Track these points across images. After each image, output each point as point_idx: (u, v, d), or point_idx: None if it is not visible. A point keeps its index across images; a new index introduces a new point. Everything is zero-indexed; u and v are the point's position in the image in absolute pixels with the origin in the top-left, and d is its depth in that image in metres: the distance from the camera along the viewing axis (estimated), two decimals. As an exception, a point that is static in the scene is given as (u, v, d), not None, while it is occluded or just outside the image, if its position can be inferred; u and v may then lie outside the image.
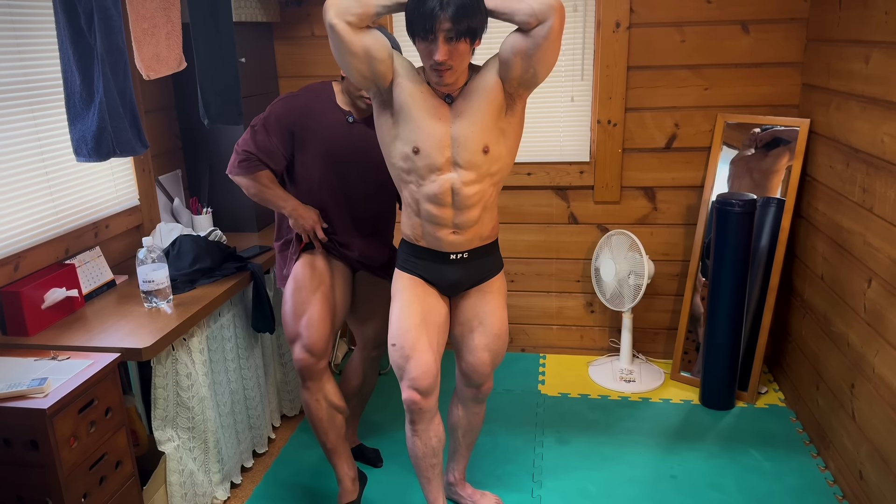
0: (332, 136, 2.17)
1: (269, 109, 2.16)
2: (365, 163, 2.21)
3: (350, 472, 2.32)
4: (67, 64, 1.98)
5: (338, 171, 2.20)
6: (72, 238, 2.29)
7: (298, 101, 2.16)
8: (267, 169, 2.16)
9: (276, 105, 2.16)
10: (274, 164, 2.17)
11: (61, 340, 1.97)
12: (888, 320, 2.08)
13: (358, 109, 2.19)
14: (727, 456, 2.60)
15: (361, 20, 1.79)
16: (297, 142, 2.17)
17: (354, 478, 2.33)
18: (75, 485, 1.70)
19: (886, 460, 2.08)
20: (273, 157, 2.16)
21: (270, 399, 2.79)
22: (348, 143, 2.18)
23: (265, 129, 2.14)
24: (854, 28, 2.38)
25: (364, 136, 2.20)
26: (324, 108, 2.16)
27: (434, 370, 1.97)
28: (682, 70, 2.97)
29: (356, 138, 2.19)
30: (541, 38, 1.76)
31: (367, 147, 2.20)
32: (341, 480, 2.31)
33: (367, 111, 2.17)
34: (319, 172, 2.19)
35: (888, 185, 2.10)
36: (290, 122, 2.14)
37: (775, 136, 2.88)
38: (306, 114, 2.15)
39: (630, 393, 3.06)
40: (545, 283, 3.35)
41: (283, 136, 2.15)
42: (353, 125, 2.19)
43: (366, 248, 2.30)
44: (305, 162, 2.19)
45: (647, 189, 3.14)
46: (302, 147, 2.17)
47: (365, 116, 2.19)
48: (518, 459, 2.62)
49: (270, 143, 2.14)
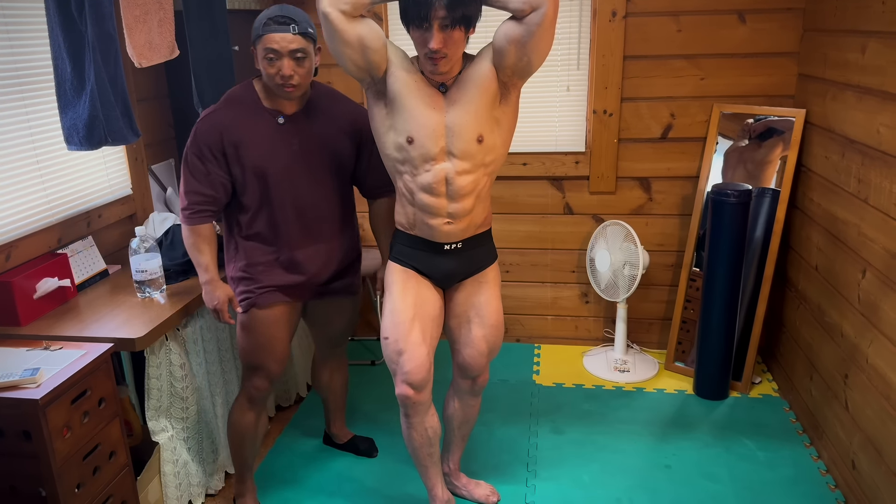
0: (265, 144, 1.98)
1: (193, 133, 1.95)
2: (308, 164, 2.04)
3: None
4: (58, 51, 1.96)
5: (280, 180, 2.00)
6: (64, 227, 2.27)
7: (220, 115, 1.95)
8: (213, 218, 2.00)
9: (199, 126, 1.95)
10: (224, 198, 2.00)
11: (54, 330, 1.96)
12: (882, 311, 2.09)
13: (286, 105, 2.00)
14: (721, 445, 2.61)
15: (356, 9, 1.78)
16: (230, 160, 1.97)
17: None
18: (69, 475, 1.69)
19: (879, 450, 2.09)
20: (218, 189, 1.98)
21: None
22: (285, 146, 2.00)
23: (198, 159, 1.94)
24: (851, 18, 2.37)
25: (300, 134, 2.02)
26: (249, 113, 1.97)
27: (427, 364, 1.97)
28: (678, 60, 2.96)
29: (292, 139, 2.01)
30: (534, 25, 1.76)
31: (306, 147, 2.03)
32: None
33: (297, 104, 2.01)
34: (260, 188, 2.00)
35: (883, 176, 2.10)
36: (216, 140, 1.94)
37: (769, 127, 2.88)
38: (232, 126, 1.95)
39: (624, 383, 3.07)
40: (540, 273, 3.35)
41: (217, 160, 1.95)
42: (286, 126, 2.00)
43: (328, 255, 2.14)
44: (243, 180, 1.99)
45: (642, 179, 3.14)
46: (237, 164, 1.97)
47: (295, 111, 2.02)
48: (513, 449, 2.63)
49: (211, 175, 1.95)
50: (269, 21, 1.87)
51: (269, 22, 1.87)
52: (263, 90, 2.00)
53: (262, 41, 1.88)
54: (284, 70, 1.88)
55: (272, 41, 1.86)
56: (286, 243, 2.07)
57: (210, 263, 2.02)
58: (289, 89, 1.91)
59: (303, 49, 1.89)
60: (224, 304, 2.03)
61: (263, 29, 1.87)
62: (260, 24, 1.88)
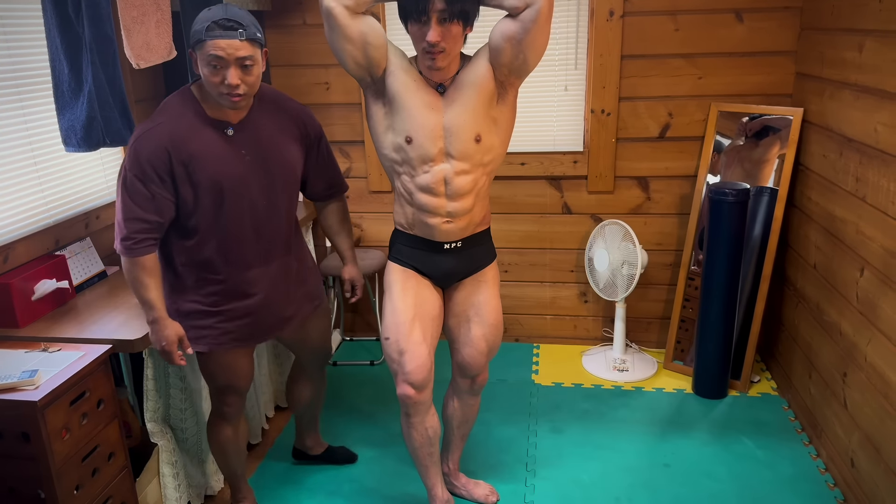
0: (217, 159, 1.79)
1: (132, 153, 1.73)
2: (262, 177, 1.87)
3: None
4: (55, 53, 1.96)
5: (236, 197, 1.83)
6: (62, 229, 2.27)
7: (164, 131, 1.74)
8: (156, 247, 1.80)
9: (139, 144, 1.73)
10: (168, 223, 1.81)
11: (52, 332, 1.95)
12: (881, 309, 2.09)
13: (231, 114, 1.82)
14: (720, 444, 2.61)
15: (359, 5, 1.78)
16: (178, 181, 1.77)
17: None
18: (67, 477, 1.69)
19: (878, 448, 2.09)
20: (164, 214, 1.78)
21: (264, 390, 2.78)
22: (238, 160, 1.82)
23: (141, 182, 1.73)
24: (847, 17, 2.37)
25: (250, 145, 1.85)
26: (195, 126, 1.78)
27: (428, 364, 1.97)
28: (675, 59, 2.96)
29: (243, 151, 1.84)
30: (529, 21, 1.76)
31: (258, 158, 1.86)
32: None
33: (242, 112, 1.83)
34: (214, 208, 1.82)
35: (881, 174, 2.10)
36: (163, 160, 1.74)
37: (765, 125, 2.88)
38: (180, 142, 1.75)
39: (623, 382, 3.07)
40: (539, 272, 3.35)
41: (164, 181, 1.75)
42: (235, 137, 1.83)
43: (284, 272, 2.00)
44: (193, 201, 1.80)
45: (640, 179, 3.14)
46: (187, 184, 1.78)
47: (241, 120, 1.84)
48: (512, 449, 2.63)
49: (156, 198, 1.75)
50: (214, 25, 1.66)
51: (212, 26, 1.66)
52: (204, 98, 1.80)
53: (205, 47, 1.67)
54: (230, 79, 1.69)
55: (217, 48, 1.66)
56: (238, 266, 1.90)
57: (156, 299, 1.80)
58: (235, 99, 1.73)
59: (251, 56, 1.71)
60: (173, 344, 1.84)
61: (207, 34, 1.66)
62: (202, 28, 1.66)
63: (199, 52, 1.70)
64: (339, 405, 2.97)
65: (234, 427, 2.13)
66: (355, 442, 2.70)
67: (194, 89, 1.82)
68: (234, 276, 1.91)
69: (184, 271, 1.90)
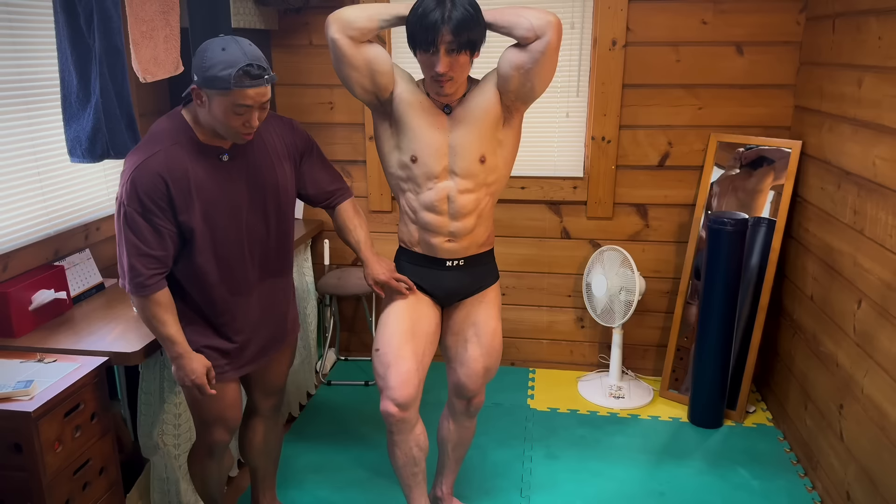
0: (212, 188, 1.74)
1: (129, 187, 1.65)
2: (256, 202, 1.83)
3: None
4: (65, 64, 1.97)
5: (230, 225, 1.79)
6: (62, 239, 2.26)
7: (160, 161, 1.66)
8: (165, 283, 1.74)
9: (136, 177, 1.64)
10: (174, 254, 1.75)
11: (48, 343, 1.94)
12: (878, 342, 2.10)
13: (222, 139, 1.75)
14: (715, 474, 2.60)
15: (363, 34, 1.81)
16: (178, 211, 1.70)
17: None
18: (58, 490, 1.67)
19: (874, 482, 2.08)
20: (169, 247, 1.72)
21: None
22: (232, 186, 1.77)
23: (143, 217, 1.66)
24: (847, 52, 2.41)
25: (244, 170, 1.80)
26: (191, 152, 1.71)
27: (415, 381, 1.93)
28: (676, 89, 2.99)
29: (238, 177, 1.79)
30: (538, 52, 1.79)
31: (252, 183, 1.82)
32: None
33: (235, 137, 1.70)
34: (209, 237, 1.77)
35: (879, 207, 2.12)
36: (162, 191, 1.66)
37: (760, 155, 2.91)
38: (177, 170, 1.68)
39: (619, 409, 3.06)
40: (536, 297, 3.35)
41: (164, 212, 1.68)
42: (229, 163, 1.77)
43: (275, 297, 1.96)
44: (189, 231, 1.73)
45: (639, 206, 3.16)
46: (185, 213, 1.71)
47: (232, 144, 1.77)
48: (506, 474, 2.61)
49: (161, 232, 1.69)
50: (243, 74, 1.58)
51: (241, 74, 1.58)
52: (196, 123, 1.72)
53: (233, 95, 1.60)
54: (253, 122, 1.66)
55: (246, 97, 1.61)
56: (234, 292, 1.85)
57: (177, 333, 1.75)
58: (248, 137, 1.70)
59: (269, 97, 1.68)
60: (203, 377, 1.79)
61: (236, 82, 1.58)
62: (230, 76, 1.57)
63: (220, 97, 1.61)
64: (331, 425, 2.95)
65: (219, 462, 2.05)
66: (346, 463, 2.68)
67: (185, 115, 1.73)
68: (230, 303, 1.85)
69: (179, 296, 1.82)
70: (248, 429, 2.19)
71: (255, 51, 1.63)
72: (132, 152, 1.71)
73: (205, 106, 1.66)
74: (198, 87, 1.64)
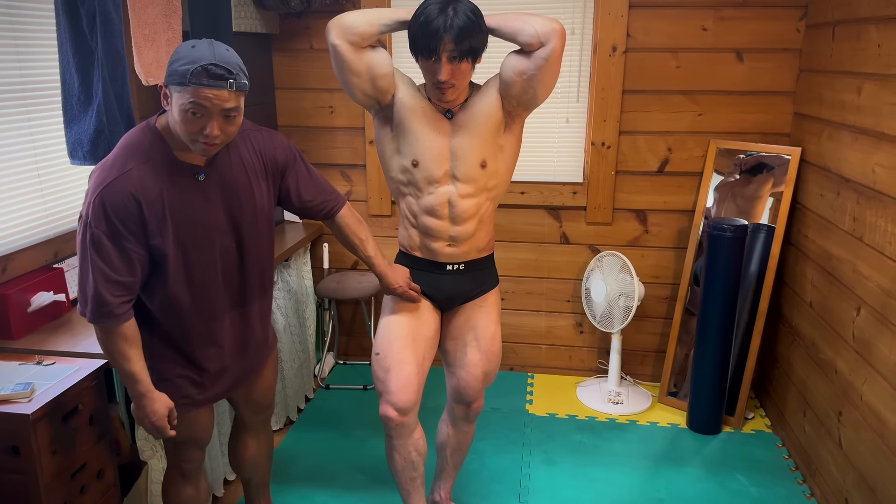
0: (187, 210, 1.61)
1: (96, 207, 1.50)
2: (232, 221, 1.71)
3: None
4: (66, 66, 1.97)
5: (206, 247, 1.67)
6: (61, 242, 2.26)
7: (132, 179, 1.53)
8: (132, 313, 1.59)
9: (105, 196, 1.51)
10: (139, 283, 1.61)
11: (47, 345, 1.94)
12: (877, 349, 2.10)
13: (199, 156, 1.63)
14: (714, 480, 2.59)
15: (364, 39, 1.81)
16: (150, 234, 1.58)
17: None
18: (55, 493, 1.66)
19: (873, 488, 2.08)
20: (137, 272, 1.58)
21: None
22: (209, 207, 1.65)
23: (111, 239, 1.52)
24: (847, 59, 2.42)
25: (219, 189, 1.67)
26: (165, 170, 1.58)
27: (415, 385, 1.93)
28: (676, 95, 3.00)
29: (213, 199, 1.66)
30: (542, 60, 1.79)
31: (229, 204, 1.69)
32: None
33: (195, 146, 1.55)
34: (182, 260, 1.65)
35: (879, 215, 2.13)
36: (134, 212, 1.53)
37: (760, 162, 2.92)
38: (151, 190, 1.55)
39: (617, 415, 3.06)
40: (535, 301, 3.35)
41: (135, 235, 1.56)
42: (205, 182, 1.64)
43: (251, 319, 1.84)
44: (162, 254, 1.61)
45: (638, 212, 3.16)
46: (157, 237, 1.59)
47: (207, 161, 1.64)
48: (505, 479, 2.60)
49: (130, 256, 1.55)
50: (201, 71, 1.46)
51: (199, 71, 1.45)
52: (170, 138, 1.59)
53: (187, 92, 1.47)
54: (211, 130, 1.50)
55: (202, 96, 1.47)
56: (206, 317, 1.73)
57: (141, 371, 1.62)
58: (209, 148, 1.54)
59: (236, 107, 1.53)
60: (164, 418, 1.66)
61: (192, 79, 1.45)
62: (186, 70, 1.45)
63: (176, 94, 1.49)
64: (330, 429, 2.94)
65: (196, 485, 1.95)
66: (344, 468, 2.67)
67: (159, 127, 1.59)
68: (202, 330, 1.73)
69: (148, 325, 1.71)
70: (239, 443, 2.11)
71: (228, 55, 1.51)
72: (99, 168, 1.55)
73: (170, 107, 1.53)
74: (163, 85, 1.53)
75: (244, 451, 2.12)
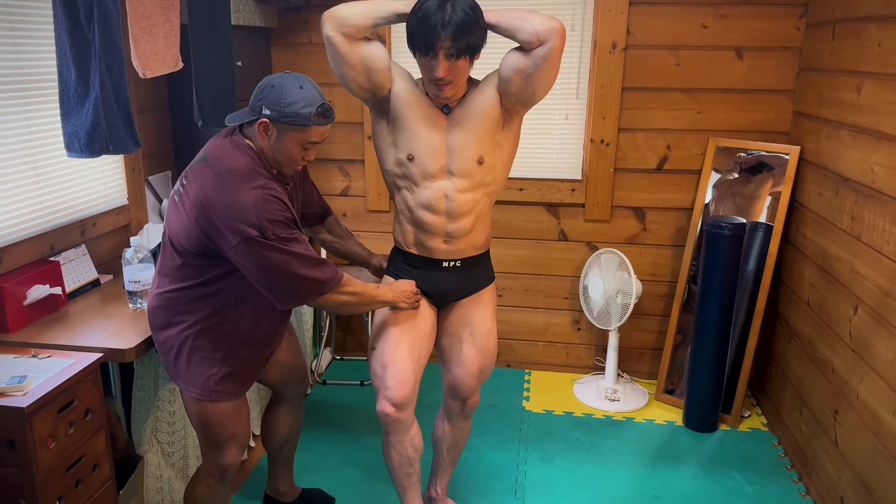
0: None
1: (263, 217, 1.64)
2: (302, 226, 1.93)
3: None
4: (63, 58, 1.96)
5: None
6: (58, 235, 2.25)
7: (275, 187, 1.72)
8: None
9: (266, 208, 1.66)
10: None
11: (43, 338, 1.93)
12: (874, 348, 2.10)
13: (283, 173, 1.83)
14: (709, 478, 2.60)
15: (358, 31, 1.80)
16: None
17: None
18: (51, 486, 1.66)
19: (869, 487, 2.08)
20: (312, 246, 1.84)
21: (251, 407, 2.74)
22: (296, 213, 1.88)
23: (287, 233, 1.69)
24: (847, 58, 2.42)
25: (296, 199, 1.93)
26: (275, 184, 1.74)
27: (411, 381, 1.93)
28: (675, 93, 3.00)
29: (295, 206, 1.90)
30: (541, 58, 1.78)
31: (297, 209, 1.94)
32: None
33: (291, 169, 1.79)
34: None
35: (877, 214, 2.13)
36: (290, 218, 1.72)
37: (760, 161, 2.91)
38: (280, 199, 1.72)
39: (614, 412, 3.06)
40: (533, 298, 3.35)
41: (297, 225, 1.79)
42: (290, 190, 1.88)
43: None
44: None
45: (637, 209, 3.16)
46: None
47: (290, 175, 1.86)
48: (501, 476, 2.60)
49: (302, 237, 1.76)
50: (319, 115, 1.69)
51: (318, 115, 1.68)
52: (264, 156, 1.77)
53: (308, 132, 1.70)
54: (312, 156, 1.78)
55: (317, 135, 1.72)
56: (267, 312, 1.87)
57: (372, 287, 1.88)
58: (299, 168, 1.82)
59: None
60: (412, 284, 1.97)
61: (314, 121, 1.68)
62: (309, 114, 1.67)
63: (295, 132, 1.69)
64: (326, 425, 2.94)
65: (227, 488, 1.99)
66: (341, 464, 2.67)
67: (254, 148, 1.75)
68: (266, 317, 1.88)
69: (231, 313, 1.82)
70: (275, 418, 2.23)
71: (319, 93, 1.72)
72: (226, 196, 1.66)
73: (270, 139, 1.71)
74: (269, 121, 1.69)
75: (281, 426, 2.23)
